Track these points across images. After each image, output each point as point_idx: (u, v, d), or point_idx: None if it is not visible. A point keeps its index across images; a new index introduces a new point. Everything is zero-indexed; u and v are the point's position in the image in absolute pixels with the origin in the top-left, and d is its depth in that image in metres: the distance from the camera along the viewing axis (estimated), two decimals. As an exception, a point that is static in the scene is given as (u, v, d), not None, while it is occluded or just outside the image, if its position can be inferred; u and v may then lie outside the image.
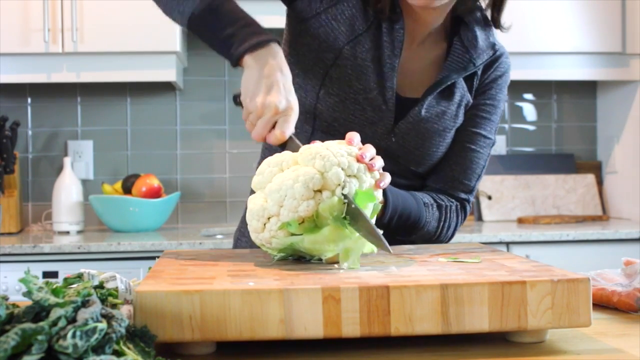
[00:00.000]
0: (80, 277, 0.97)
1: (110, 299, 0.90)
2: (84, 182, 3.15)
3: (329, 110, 1.37)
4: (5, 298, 0.78)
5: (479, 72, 1.44)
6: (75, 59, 2.82)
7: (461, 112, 1.43)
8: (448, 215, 1.42)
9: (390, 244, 1.40)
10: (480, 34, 1.42)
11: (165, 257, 1.18)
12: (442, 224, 1.41)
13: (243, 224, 1.57)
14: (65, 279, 0.96)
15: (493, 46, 1.44)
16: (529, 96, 3.43)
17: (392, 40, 1.37)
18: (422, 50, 1.43)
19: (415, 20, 1.39)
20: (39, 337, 0.69)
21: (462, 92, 1.42)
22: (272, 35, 1.25)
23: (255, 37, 1.23)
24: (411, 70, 1.42)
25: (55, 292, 0.79)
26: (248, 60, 1.23)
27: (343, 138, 1.28)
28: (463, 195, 1.45)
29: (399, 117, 1.39)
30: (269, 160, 1.14)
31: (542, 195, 3.27)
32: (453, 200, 1.44)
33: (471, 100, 1.44)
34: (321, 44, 1.37)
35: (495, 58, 1.45)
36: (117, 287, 0.94)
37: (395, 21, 1.37)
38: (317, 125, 1.38)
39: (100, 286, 0.94)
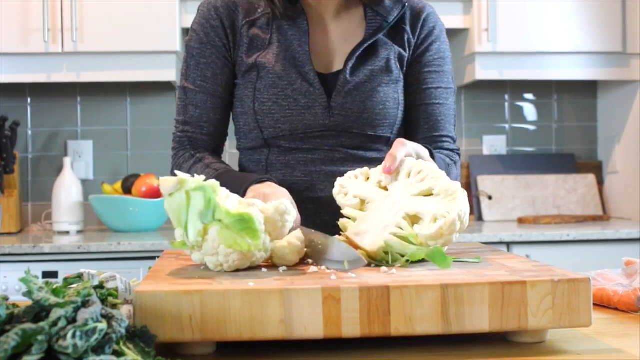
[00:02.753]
0: (80, 277, 0.97)
1: (110, 299, 0.90)
2: (84, 182, 3.14)
3: (268, 116, 1.48)
4: (6, 298, 0.78)
5: (407, 28, 1.54)
6: (75, 58, 2.82)
7: (394, 66, 1.52)
8: (456, 168, 1.55)
9: None
10: None
11: (165, 257, 1.18)
12: (454, 178, 1.52)
13: None
14: (65, 279, 0.96)
15: (400, 0, 1.54)
16: (529, 96, 3.43)
17: (298, 31, 1.50)
18: (338, 23, 1.55)
19: (314, 7, 1.53)
20: (39, 338, 0.69)
21: (388, 48, 1.52)
22: (262, 176, 1.41)
23: (247, 180, 1.39)
24: (333, 45, 1.54)
25: (55, 292, 0.79)
26: (248, 195, 1.36)
27: (291, 136, 1.47)
28: (453, 146, 1.56)
29: (330, 94, 1.49)
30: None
31: (542, 195, 3.27)
32: (452, 154, 1.55)
33: (405, 54, 1.53)
34: (244, 73, 1.51)
35: (418, 12, 1.56)
36: (117, 287, 0.94)
37: (297, 15, 1.50)
38: (265, 133, 1.50)
39: (100, 286, 0.94)
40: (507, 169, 3.32)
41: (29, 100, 3.18)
